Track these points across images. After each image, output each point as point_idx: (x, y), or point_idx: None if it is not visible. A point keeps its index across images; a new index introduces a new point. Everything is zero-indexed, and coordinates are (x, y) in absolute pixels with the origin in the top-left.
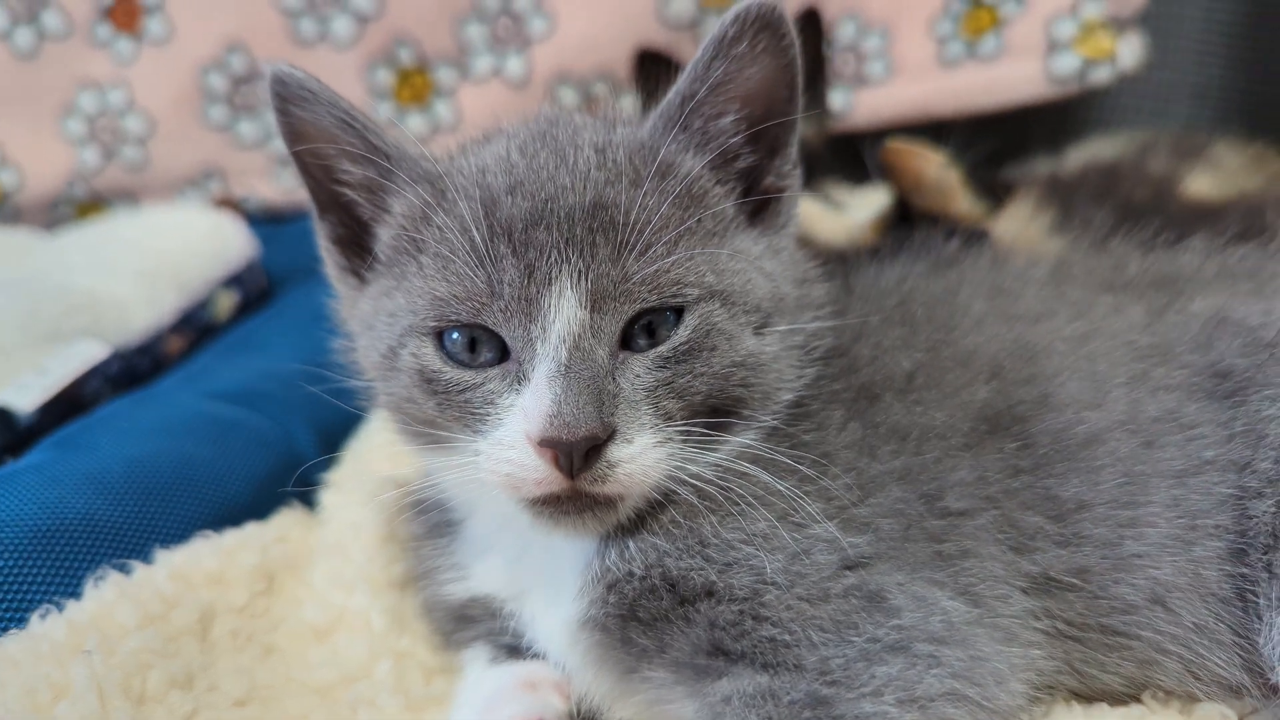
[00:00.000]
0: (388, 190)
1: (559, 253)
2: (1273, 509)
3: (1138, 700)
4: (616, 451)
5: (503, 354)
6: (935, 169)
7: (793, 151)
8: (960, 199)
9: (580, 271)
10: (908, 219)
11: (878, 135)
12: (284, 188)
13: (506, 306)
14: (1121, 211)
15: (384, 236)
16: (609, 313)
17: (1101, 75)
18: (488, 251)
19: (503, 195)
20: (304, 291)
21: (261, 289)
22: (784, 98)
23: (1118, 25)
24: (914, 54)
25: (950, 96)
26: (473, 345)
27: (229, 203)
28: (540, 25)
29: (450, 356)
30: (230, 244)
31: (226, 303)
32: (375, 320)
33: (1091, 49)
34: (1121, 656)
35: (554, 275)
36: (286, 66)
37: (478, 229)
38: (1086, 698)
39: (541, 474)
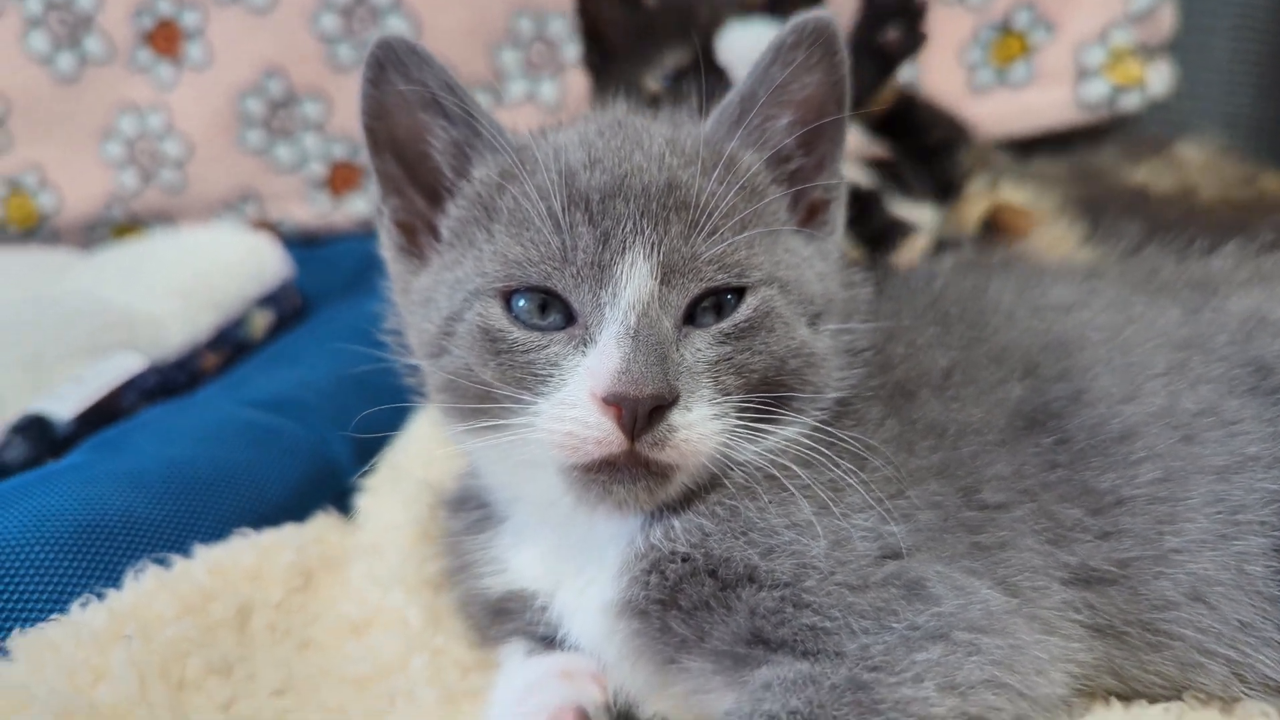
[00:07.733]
0: (471, 157)
1: (634, 224)
2: None
3: (1178, 698)
4: (678, 417)
5: (567, 320)
6: (1044, 228)
7: (839, 166)
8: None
9: (654, 244)
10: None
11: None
12: (318, 211)
13: (578, 272)
14: (1152, 226)
15: (452, 212)
16: (676, 287)
17: (1131, 102)
18: (564, 218)
19: (581, 169)
20: (337, 310)
21: (295, 309)
22: (833, 112)
23: (1146, 52)
24: (944, 81)
25: (980, 123)
26: (542, 308)
27: (265, 225)
28: (574, 50)
29: (517, 318)
30: (266, 264)
31: (261, 322)
32: (435, 293)
33: (1121, 75)
34: (1163, 657)
35: (628, 244)
36: (393, 35)
37: (556, 196)
38: (1125, 697)
39: (603, 433)
